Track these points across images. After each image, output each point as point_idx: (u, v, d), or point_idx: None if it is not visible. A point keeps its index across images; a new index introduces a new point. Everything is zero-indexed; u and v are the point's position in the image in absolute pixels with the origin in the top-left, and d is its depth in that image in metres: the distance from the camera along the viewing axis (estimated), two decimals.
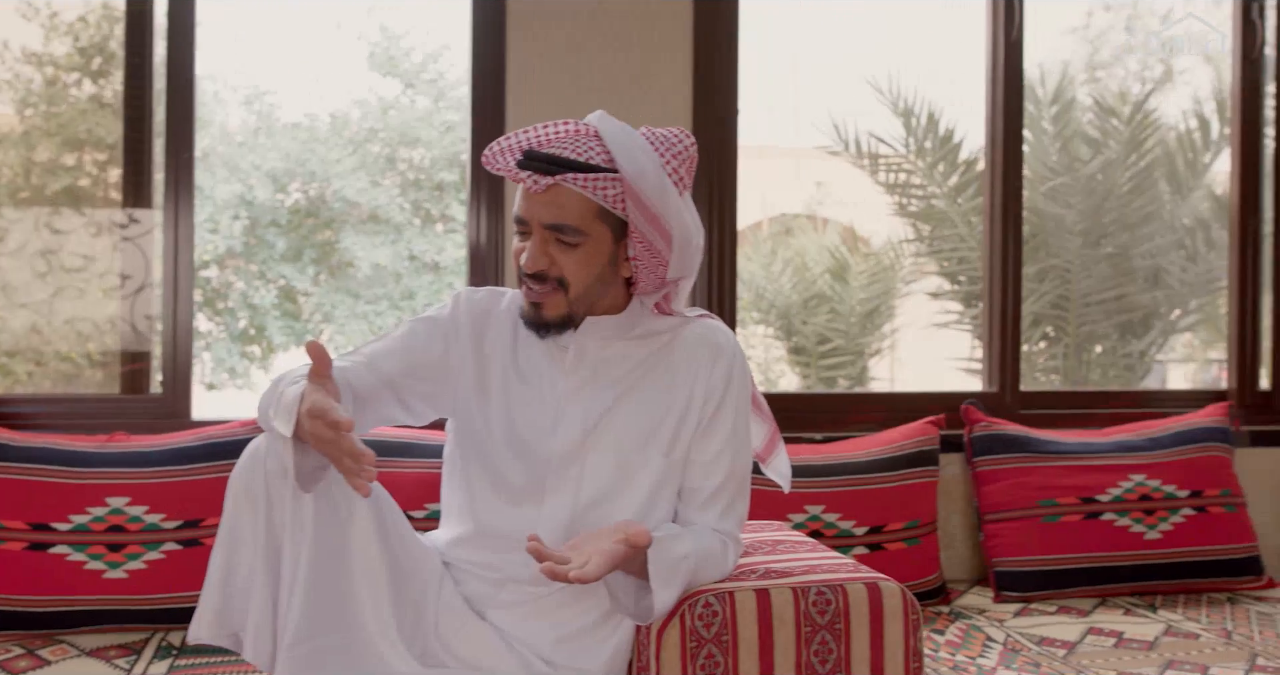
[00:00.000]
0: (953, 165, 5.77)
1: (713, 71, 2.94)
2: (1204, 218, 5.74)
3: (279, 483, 1.53)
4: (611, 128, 1.57)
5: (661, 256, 1.60)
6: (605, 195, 1.54)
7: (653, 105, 2.91)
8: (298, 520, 1.52)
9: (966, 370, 6.33)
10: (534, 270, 1.57)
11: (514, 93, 2.86)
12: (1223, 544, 2.89)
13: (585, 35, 2.89)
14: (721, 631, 1.57)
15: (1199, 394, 3.46)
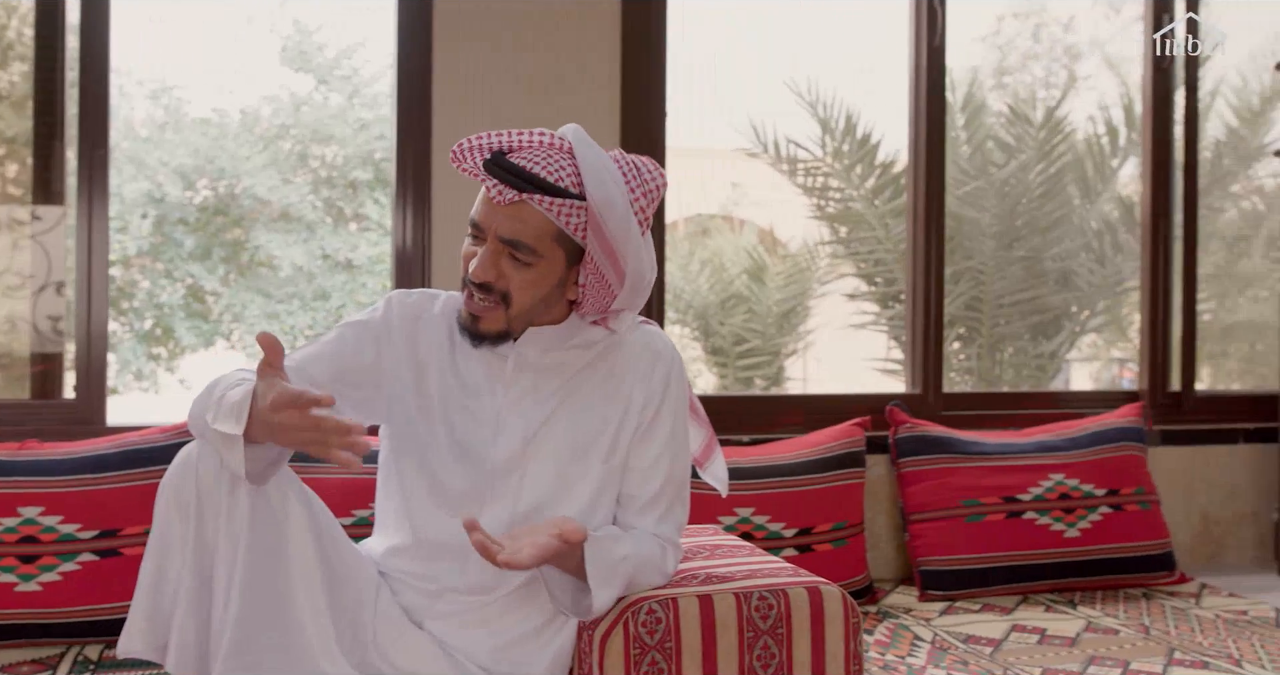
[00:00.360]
0: (870, 168, 5.85)
1: (641, 73, 2.94)
2: (1111, 222, 5.89)
3: (212, 489, 1.49)
4: (586, 151, 1.53)
5: (611, 290, 1.58)
6: (568, 221, 1.51)
7: (581, 106, 2.90)
8: (232, 526, 1.48)
9: (883, 371, 6.42)
10: (481, 280, 1.54)
11: (440, 92, 2.82)
12: (1138, 541, 2.97)
13: (513, 35, 2.86)
14: (665, 638, 1.56)
15: (1112, 394, 3.55)
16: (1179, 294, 3.49)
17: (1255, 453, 3.46)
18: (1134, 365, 8.50)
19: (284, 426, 1.37)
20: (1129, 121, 5.88)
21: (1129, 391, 3.51)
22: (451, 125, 2.82)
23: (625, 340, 1.68)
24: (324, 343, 1.67)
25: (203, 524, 1.49)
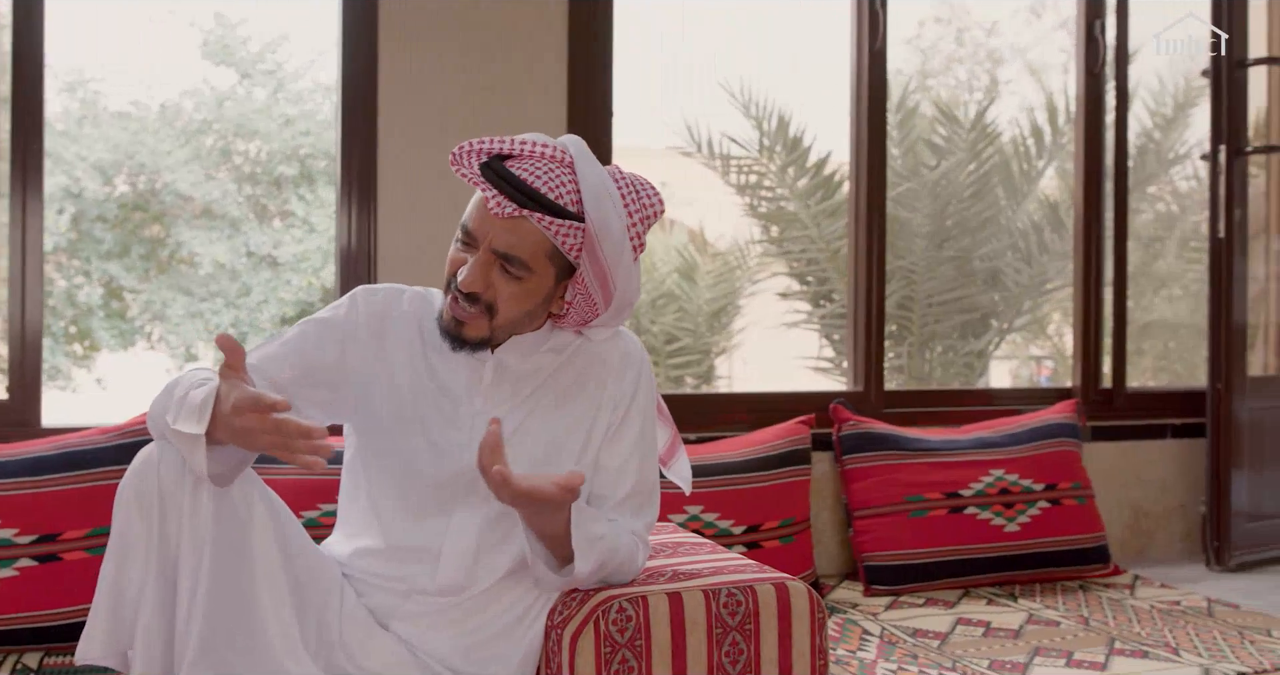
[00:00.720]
0: (803, 169, 5.91)
1: (588, 76, 2.93)
2: (1037, 222, 6.02)
3: (174, 490, 1.46)
4: (587, 169, 1.52)
5: (596, 309, 1.58)
6: (565, 241, 1.51)
7: (529, 108, 2.89)
8: (195, 527, 1.45)
9: (815, 369, 6.49)
10: (470, 290, 1.52)
11: (386, 90, 2.78)
12: (1075, 534, 3.04)
13: (460, 33, 2.84)
14: (635, 636, 1.56)
15: (1046, 391, 3.63)
16: (1110, 294, 3.58)
17: (1183, 448, 3.56)
18: (1051, 363, 8.71)
19: (245, 430, 1.35)
20: (1053, 125, 6.02)
21: (1062, 388, 3.59)
22: (398, 126, 2.79)
23: (595, 342, 1.68)
24: (285, 341, 1.64)
25: (165, 525, 1.46)
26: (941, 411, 3.36)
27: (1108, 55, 3.51)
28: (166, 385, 1.52)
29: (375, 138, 2.78)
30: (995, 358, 8.35)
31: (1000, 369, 8.68)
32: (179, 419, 1.39)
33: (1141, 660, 2.37)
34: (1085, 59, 3.53)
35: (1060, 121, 5.93)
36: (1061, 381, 8.17)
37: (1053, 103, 5.99)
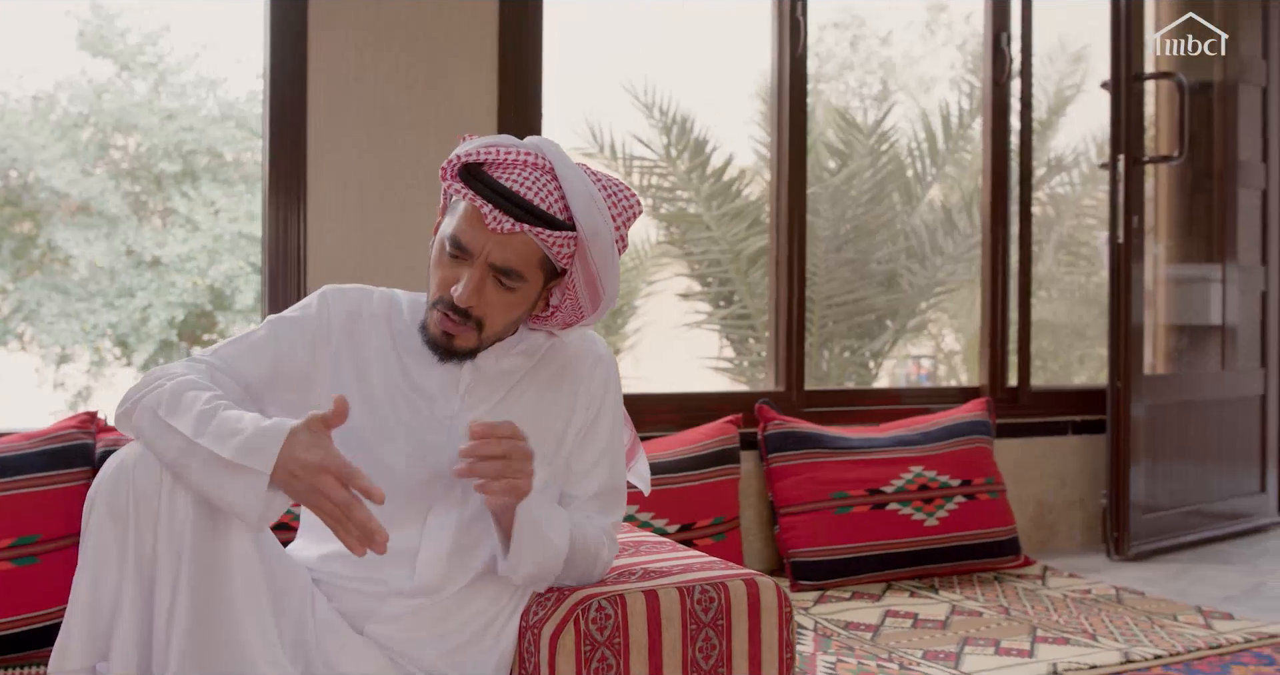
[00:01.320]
0: (705, 172, 5.98)
1: (519, 69, 2.93)
2: (930, 226, 6.21)
3: (150, 496, 1.41)
4: (569, 173, 1.50)
5: (583, 311, 1.58)
6: (559, 252, 1.51)
7: (459, 108, 2.87)
8: (173, 535, 1.41)
9: (714, 369, 6.58)
10: (468, 305, 1.51)
11: (315, 94, 2.74)
12: (989, 528, 3.15)
13: (390, 38, 2.81)
14: (614, 634, 1.58)
15: (953, 390, 3.76)
16: (1015, 296, 3.72)
17: (1083, 443, 3.72)
18: (927, 361, 8.97)
19: (315, 490, 1.34)
20: (946, 132, 6.21)
21: (969, 387, 3.72)
22: (326, 126, 2.75)
23: (565, 343, 1.69)
24: (256, 342, 1.60)
25: (141, 532, 1.42)
26: (858, 410, 3.44)
27: (1013, 66, 3.65)
28: (160, 395, 1.45)
29: (305, 135, 2.74)
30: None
31: (882, 368, 8.91)
32: (217, 440, 1.36)
33: (1064, 647, 2.47)
34: (991, 70, 3.66)
35: (954, 128, 6.13)
36: (944, 380, 8.42)
37: (947, 111, 6.18)
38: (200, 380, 1.49)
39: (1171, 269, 3.93)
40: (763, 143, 6.60)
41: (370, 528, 1.34)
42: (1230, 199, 3.86)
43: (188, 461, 1.40)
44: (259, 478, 1.36)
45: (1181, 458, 3.66)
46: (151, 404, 1.45)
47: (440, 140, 2.85)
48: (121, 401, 1.51)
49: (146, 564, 1.42)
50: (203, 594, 1.41)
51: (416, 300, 1.72)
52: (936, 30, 9.59)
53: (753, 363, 6.31)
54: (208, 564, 1.43)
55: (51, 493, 2.30)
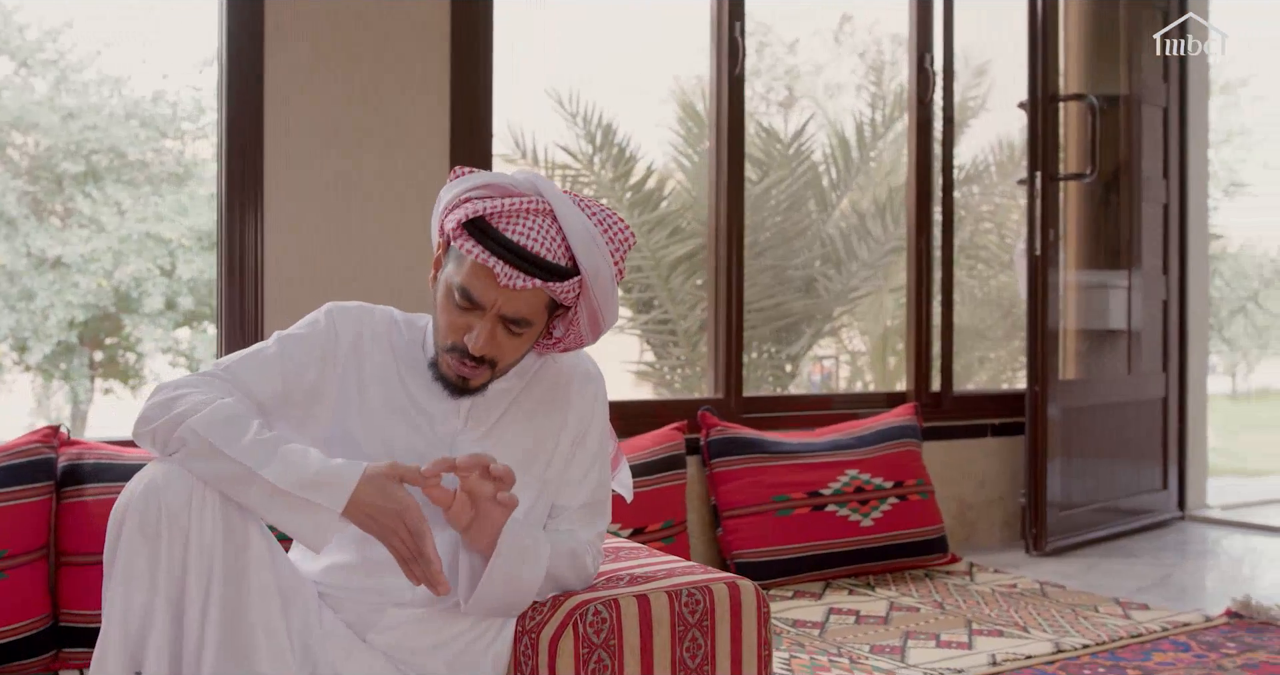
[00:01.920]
0: (627, 179, 6.08)
1: (469, 94, 3.00)
2: (845, 232, 6.40)
3: (179, 514, 1.46)
4: (569, 216, 1.56)
5: (583, 340, 1.67)
6: (565, 296, 1.58)
7: (413, 115, 2.93)
8: (202, 553, 1.46)
9: (636, 374, 6.68)
10: (481, 355, 1.58)
11: (272, 102, 2.77)
12: (920, 527, 3.31)
13: (346, 47, 2.85)
14: (609, 637, 1.67)
15: (881, 395, 3.91)
16: (938, 305, 3.90)
17: (1001, 445, 3.92)
18: (828, 362, 9.21)
19: (391, 531, 1.47)
20: (860, 142, 6.40)
21: (896, 393, 3.88)
22: (285, 135, 2.78)
23: (558, 362, 1.77)
24: (267, 358, 1.65)
25: (171, 550, 1.46)
26: (793, 416, 3.58)
27: (937, 83, 3.82)
28: (195, 406, 1.49)
29: (261, 146, 2.76)
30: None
31: (797, 370, 9.11)
32: (283, 474, 1.44)
33: (999, 639, 2.63)
34: (917, 88, 3.83)
35: (867, 139, 6.32)
36: (847, 381, 8.64)
37: (861, 121, 6.38)
38: (238, 405, 1.53)
39: (1081, 276, 4.15)
40: (682, 151, 6.73)
41: (437, 580, 1.48)
42: (1135, 211, 4.09)
43: (245, 488, 1.47)
44: (330, 514, 1.46)
45: (1092, 457, 3.88)
46: (198, 427, 1.48)
47: (390, 155, 2.90)
48: (142, 419, 1.54)
49: (176, 579, 1.47)
50: (230, 607, 1.47)
51: (411, 320, 1.78)
52: (843, 39, 9.81)
53: (672, 366, 6.43)
54: (234, 580, 1.49)
55: (16, 508, 2.29)
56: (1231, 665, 2.45)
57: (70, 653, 2.31)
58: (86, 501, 2.37)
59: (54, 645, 2.31)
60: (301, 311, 2.78)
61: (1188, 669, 2.42)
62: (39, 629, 2.28)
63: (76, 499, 2.37)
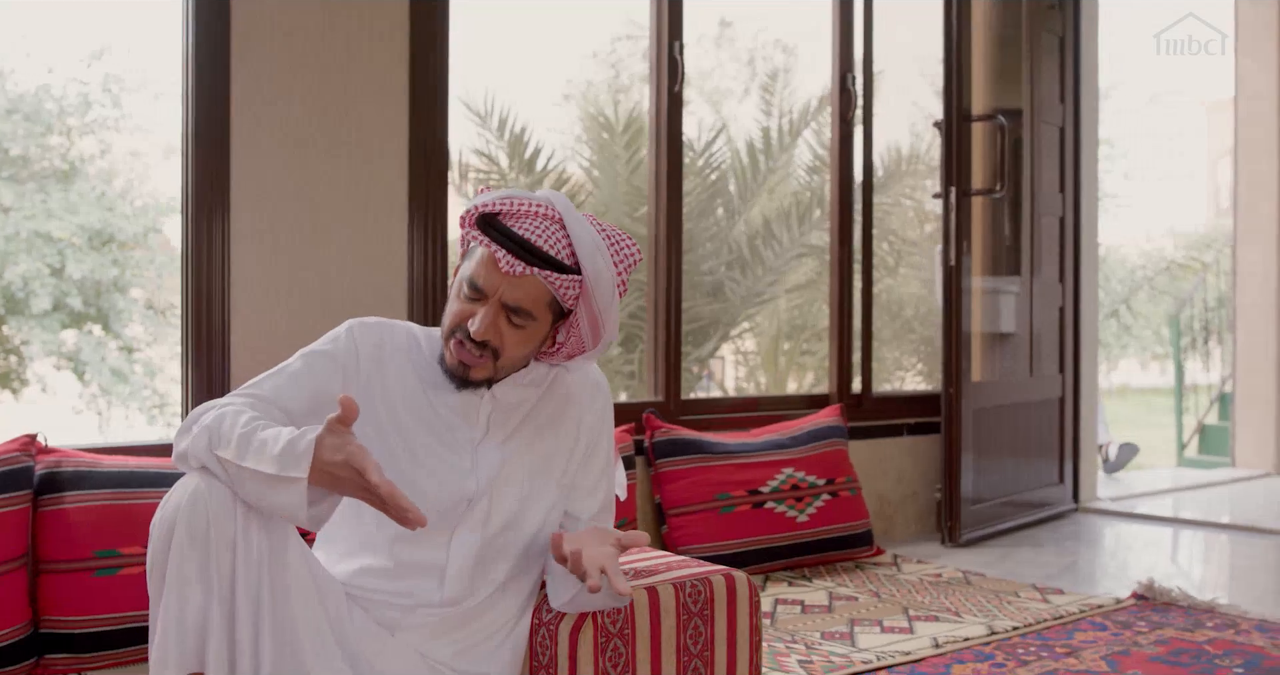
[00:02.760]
0: (541, 186, 6.19)
1: (428, 94, 3.09)
2: (753, 239, 6.62)
3: (224, 522, 1.54)
4: (576, 225, 1.69)
5: (584, 347, 1.78)
6: (565, 293, 1.70)
7: (376, 127, 3.00)
8: (249, 558, 1.54)
9: None
10: (483, 339, 1.69)
11: (239, 112, 2.82)
12: (850, 522, 3.51)
13: (310, 57, 2.91)
14: (624, 626, 1.80)
15: (805, 398, 4.11)
16: (858, 311, 4.12)
17: (916, 443, 4.16)
18: (714, 363, 9.43)
19: (348, 481, 1.50)
20: (767, 151, 6.63)
21: (819, 394, 4.09)
22: (250, 141, 2.83)
23: (567, 372, 1.89)
24: (293, 373, 1.74)
25: (220, 554, 1.54)
26: (728, 417, 3.75)
27: (857, 103, 4.04)
28: (204, 424, 1.58)
29: (228, 156, 2.81)
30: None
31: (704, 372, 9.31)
32: (261, 460, 1.50)
33: (936, 623, 2.84)
34: (839, 107, 4.04)
35: (774, 147, 6.55)
36: (740, 381, 8.88)
37: (768, 132, 6.61)
38: (241, 409, 1.62)
39: (986, 283, 4.42)
40: (587, 158, 6.87)
41: (402, 506, 1.48)
42: (1036, 224, 4.38)
43: (242, 482, 1.55)
44: (299, 483, 1.50)
45: (998, 454, 4.15)
46: (203, 440, 1.58)
47: (352, 163, 2.97)
48: (177, 441, 1.63)
49: (226, 582, 1.55)
50: (280, 610, 1.56)
51: (431, 334, 1.88)
52: (723, 45, 10.01)
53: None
54: (280, 582, 1.58)
55: (2, 515, 2.31)
56: (1145, 641, 2.70)
57: (52, 659, 2.34)
58: (66, 509, 2.40)
59: (35, 652, 2.34)
60: (269, 319, 2.85)
61: (1108, 645, 2.66)
62: (20, 637, 2.30)
63: (56, 507, 2.40)
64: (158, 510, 1.60)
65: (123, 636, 2.38)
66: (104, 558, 2.39)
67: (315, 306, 2.93)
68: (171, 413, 9.38)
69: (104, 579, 2.38)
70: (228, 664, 1.54)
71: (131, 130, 9.15)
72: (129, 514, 2.44)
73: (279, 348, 2.84)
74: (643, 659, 1.82)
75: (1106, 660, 2.55)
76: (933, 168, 6.52)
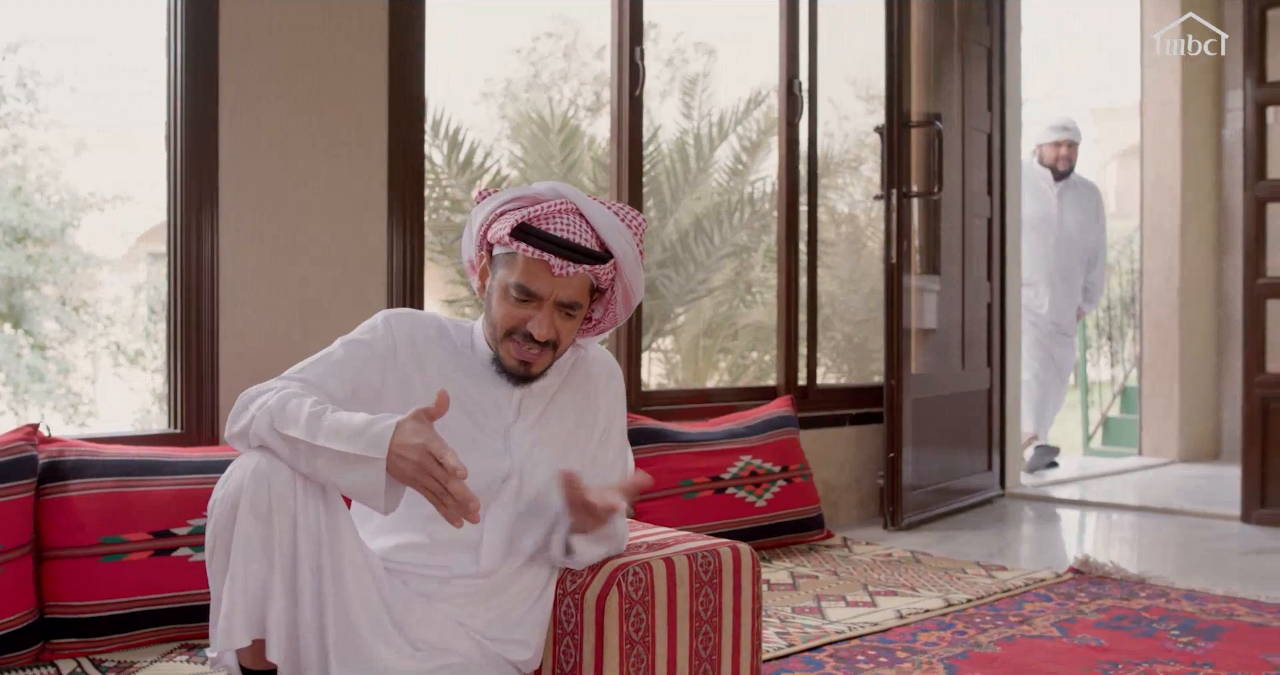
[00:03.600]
0: (482, 184, 6.28)
1: (405, 97, 3.19)
2: (684, 237, 6.79)
3: (286, 497, 1.64)
4: (592, 210, 1.81)
5: (617, 319, 1.93)
6: (604, 278, 1.84)
7: (357, 128, 3.09)
8: (310, 532, 1.65)
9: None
10: (546, 339, 1.81)
11: (226, 110, 2.89)
12: (803, 506, 3.70)
13: (293, 55, 2.99)
14: (645, 594, 1.94)
15: (754, 389, 4.29)
16: (804, 308, 4.31)
17: (858, 433, 4.37)
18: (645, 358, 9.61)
19: (420, 467, 1.58)
20: (698, 150, 6.81)
21: (768, 386, 4.27)
22: (238, 143, 2.90)
23: (587, 358, 2.02)
24: (335, 361, 1.84)
25: (282, 529, 1.64)
26: (683, 408, 3.91)
27: (803, 108, 4.23)
28: (264, 404, 1.68)
29: (216, 155, 2.87)
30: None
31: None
32: (332, 439, 1.60)
33: (895, 597, 3.03)
34: (786, 112, 4.23)
35: (705, 148, 6.74)
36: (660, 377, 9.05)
37: (699, 132, 6.79)
38: (296, 393, 1.73)
39: (920, 281, 4.64)
40: (520, 158, 6.98)
41: (465, 497, 1.58)
42: (966, 224, 4.62)
43: (313, 460, 1.65)
44: (376, 464, 1.61)
45: (934, 444, 4.37)
46: (265, 421, 1.68)
47: (334, 163, 3.06)
48: (230, 423, 1.74)
49: (288, 554, 1.66)
50: (337, 581, 1.68)
51: (457, 324, 2.00)
52: (646, 46, 10.13)
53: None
54: (336, 555, 1.69)
55: (9, 504, 2.36)
56: (1088, 609, 2.93)
57: (58, 643, 2.39)
58: (70, 497, 2.46)
59: (41, 637, 2.39)
60: (255, 313, 2.93)
61: (1055, 614, 2.88)
62: (28, 623, 2.35)
63: (60, 495, 2.46)
64: (217, 488, 1.70)
65: (129, 620, 2.44)
66: (109, 544, 2.45)
67: (295, 303, 3.00)
68: (86, 412, 9.22)
69: (110, 564, 2.44)
70: (290, 631, 1.65)
71: (47, 125, 8.98)
72: (131, 501, 2.50)
73: (266, 342, 2.92)
74: (660, 624, 1.96)
75: (1056, 626, 2.76)
76: (852, 168, 6.77)
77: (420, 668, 1.76)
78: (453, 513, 1.60)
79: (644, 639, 1.93)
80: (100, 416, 9.48)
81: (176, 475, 2.58)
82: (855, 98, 6.75)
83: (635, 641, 1.92)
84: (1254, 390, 4.39)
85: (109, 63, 10.71)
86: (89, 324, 9.77)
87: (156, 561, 2.49)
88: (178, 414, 2.89)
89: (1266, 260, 4.43)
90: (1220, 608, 2.96)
